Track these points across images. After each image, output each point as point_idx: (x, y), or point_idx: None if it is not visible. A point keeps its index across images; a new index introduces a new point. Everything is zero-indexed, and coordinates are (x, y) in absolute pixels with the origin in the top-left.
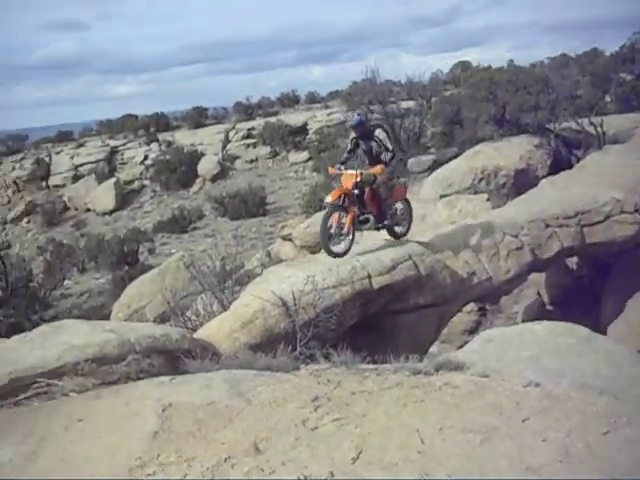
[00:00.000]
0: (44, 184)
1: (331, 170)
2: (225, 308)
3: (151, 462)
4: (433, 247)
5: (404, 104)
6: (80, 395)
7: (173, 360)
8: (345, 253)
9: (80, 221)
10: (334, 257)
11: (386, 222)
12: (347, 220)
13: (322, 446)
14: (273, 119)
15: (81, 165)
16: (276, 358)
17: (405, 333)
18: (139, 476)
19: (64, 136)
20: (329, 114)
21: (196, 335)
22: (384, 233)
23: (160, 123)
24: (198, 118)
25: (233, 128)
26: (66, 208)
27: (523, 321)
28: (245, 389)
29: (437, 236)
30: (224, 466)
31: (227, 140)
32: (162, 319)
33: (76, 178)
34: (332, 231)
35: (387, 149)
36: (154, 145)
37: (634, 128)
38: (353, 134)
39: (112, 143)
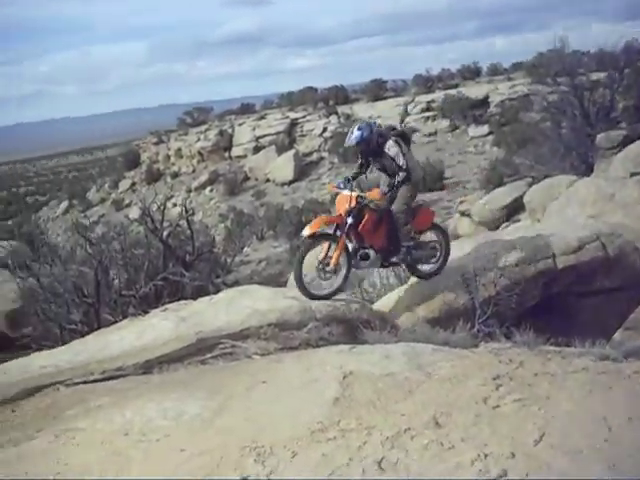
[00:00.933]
0: (226, 154)
1: (329, 187)
2: (402, 281)
3: (332, 427)
4: (623, 228)
5: (594, 76)
6: (262, 358)
7: (351, 329)
8: (331, 295)
9: (260, 191)
10: (312, 299)
11: (396, 259)
12: (335, 253)
13: (503, 425)
14: (453, 92)
15: (262, 137)
16: (455, 334)
17: (588, 317)
18: (320, 440)
19: (246, 108)
20: (512, 86)
21: (374, 306)
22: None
23: (339, 96)
24: (377, 91)
25: (412, 101)
26: (247, 178)
27: None
28: (424, 363)
29: (628, 216)
30: (403, 437)
31: (406, 113)
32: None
33: (257, 149)
34: (317, 265)
35: (400, 168)
36: (333, 118)
37: None
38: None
39: (292, 115)
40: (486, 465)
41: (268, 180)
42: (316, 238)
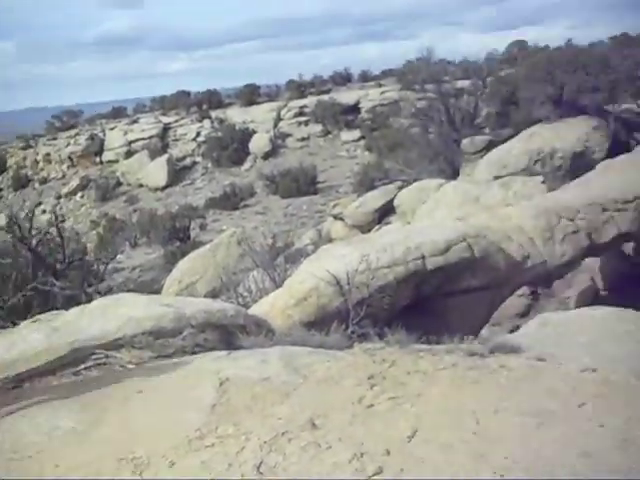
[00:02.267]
0: (98, 160)
1: None
2: (277, 285)
3: (210, 434)
4: (488, 229)
5: (459, 83)
6: (138, 367)
7: (228, 335)
8: None
9: (133, 196)
10: None
11: None
12: None
13: (378, 424)
14: (325, 97)
15: (134, 141)
16: (329, 336)
17: (457, 315)
18: (198, 447)
19: (118, 112)
20: (382, 93)
21: (250, 311)
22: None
23: (212, 100)
24: (250, 96)
25: (285, 106)
26: (119, 183)
27: (576, 306)
28: (300, 365)
29: (492, 218)
30: (281, 440)
31: (279, 118)
32: (213, 295)
33: (129, 154)
34: None
35: None
36: (206, 122)
37: None
38: None
39: (165, 120)
40: (362, 463)
41: (141, 185)
42: None
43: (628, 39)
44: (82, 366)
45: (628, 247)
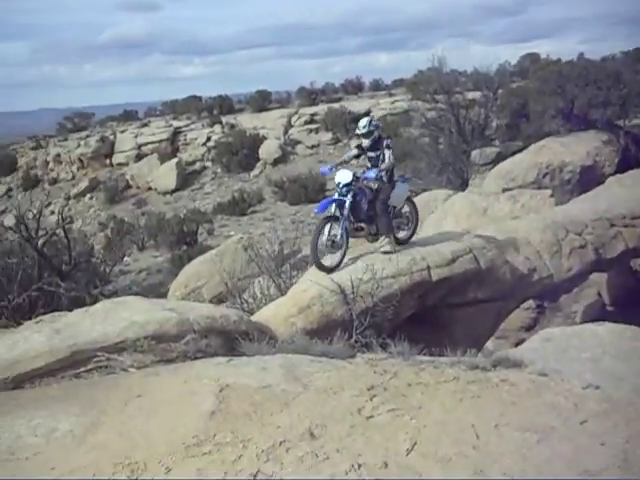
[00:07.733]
0: (108, 162)
1: None
2: (282, 292)
3: (207, 441)
4: (495, 241)
5: (470, 95)
6: (139, 371)
7: (230, 341)
8: None
9: (141, 199)
10: None
11: None
12: None
13: (376, 436)
14: (336, 105)
15: (145, 144)
16: (332, 345)
17: (462, 327)
18: (195, 454)
19: (129, 115)
20: (393, 102)
21: (253, 318)
22: None
23: (224, 105)
24: (261, 102)
25: (296, 113)
26: (128, 186)
27: (582, 321)
28: (301, 374)
29: (499, 230)
30: (279, 449)
31: (289, 125)
32: (219, 300)
33: (139, 157)
34: None
35: None
36: (217, 127)
37: None
38: None
39: (176, 124)
40: (360, 475)
41: (150, 189)
42: None
43: None
44: (83, 369)
45: (636, 263)
